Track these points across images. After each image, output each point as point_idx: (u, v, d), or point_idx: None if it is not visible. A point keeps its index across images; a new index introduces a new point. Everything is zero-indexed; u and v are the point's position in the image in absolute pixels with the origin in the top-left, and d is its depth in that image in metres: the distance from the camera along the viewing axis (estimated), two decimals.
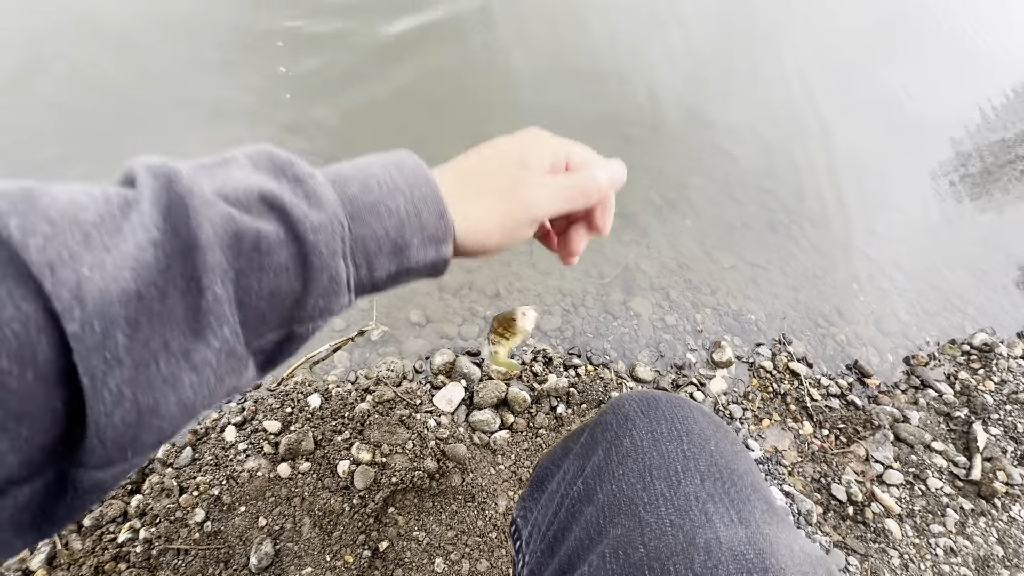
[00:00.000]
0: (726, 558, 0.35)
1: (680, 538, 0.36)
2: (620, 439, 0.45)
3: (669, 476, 0.40)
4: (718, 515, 0.38)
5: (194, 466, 0.94)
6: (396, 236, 0.30)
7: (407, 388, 1.14)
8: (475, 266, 1.46)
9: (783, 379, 1.50)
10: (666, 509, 0.38)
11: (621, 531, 0.39)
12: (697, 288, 1.66)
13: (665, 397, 0.47)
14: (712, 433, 0.44)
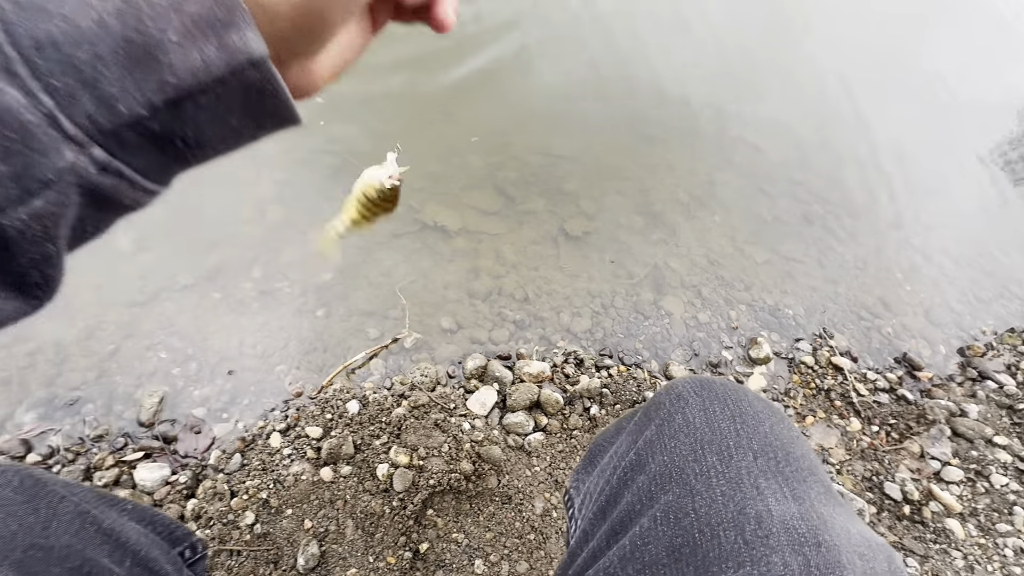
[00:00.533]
0: (777, 529, 0.35)
1: (731, 507, 0.37)
2: (672, 416, 0.45)
3: (721, 451, 0.40)
4: (770, 490, 0.38)
5: (243, 471, 0.99)
6: (120, 24, 0.18)
7: (441, 393, 1.16)
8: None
9: (826, 374, 1.45)
10: (717, 480, 0.39)
11: (672, 497, 0.39)
12: (730, 284, 1.63)
13: (720, 380, 0.47)
14: (767, 416, 0.44)
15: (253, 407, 1.11)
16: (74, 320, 1.16)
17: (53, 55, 0.17)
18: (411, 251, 1.47)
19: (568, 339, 1.39)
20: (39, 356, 1.10)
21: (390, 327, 1.31)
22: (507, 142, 1.79)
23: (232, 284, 1.30)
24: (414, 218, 1.53)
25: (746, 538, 0.35)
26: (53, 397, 1.05)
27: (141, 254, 1.29)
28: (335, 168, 1.58)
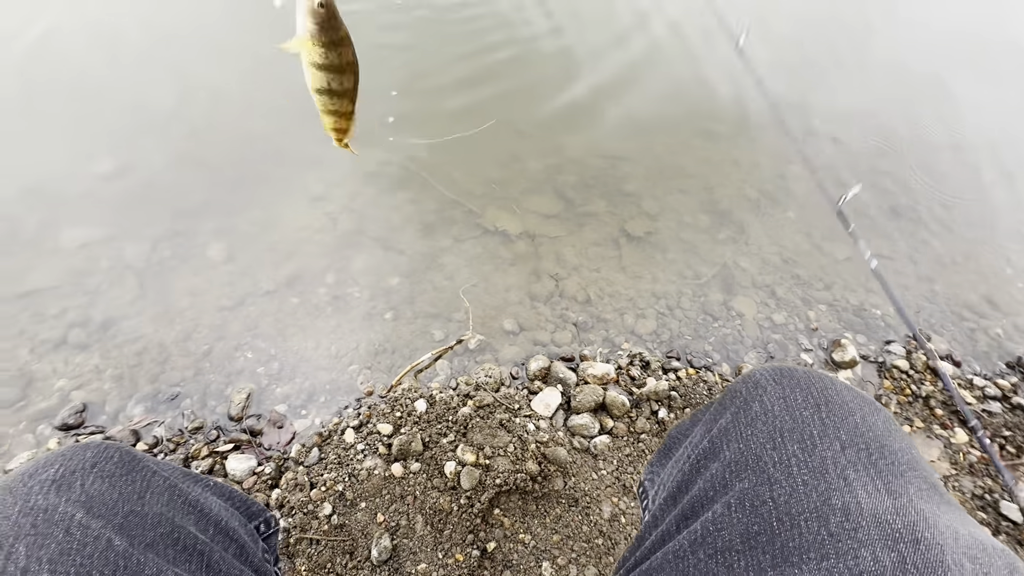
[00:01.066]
0: (867, 523, 0.32)
1: (814, 497, 0.34)
2: (749, 404, 0.43)
3: (803, 439, 0.38)
4: (860, 482, 0.35)
5: (321, 464, 1.04)
6: None
7: (505, 393, 1.16)
8: (564, 274, 1.47)
9: (923, 380, 1.32)
10: (799, 469, 0.36)
11: (748, 485, 0.37)
12: (807, 283, 1.53)
13: (802, 369, 0.44)
14: (859, 407, 0.41)
15: (329, 404, 1.17)
16: (174, 323, 1.28)
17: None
18: (473, 256, 1.50)
19: (633, 341, 1.35)
20: (145, 355, 1.22)
21: (454, 329, 1.33)
22: (564, 145, 1.79)
23: (308, 290, 1.38)
24: (475, 223, 1.56)
25: (831, 530, 0.32)
26: (157, 392, 1.16)
27: (229, 263, 1.41)
28: (399, 179, 1.64)
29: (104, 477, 0.40)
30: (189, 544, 0.42)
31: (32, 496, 0.36)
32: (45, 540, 0.34)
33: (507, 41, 2.04)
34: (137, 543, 0.38)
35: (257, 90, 1.77)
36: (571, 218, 1.62)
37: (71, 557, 0.34)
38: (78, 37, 1.81)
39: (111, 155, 1.55)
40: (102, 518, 0.37)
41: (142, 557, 0.37)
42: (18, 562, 0.32)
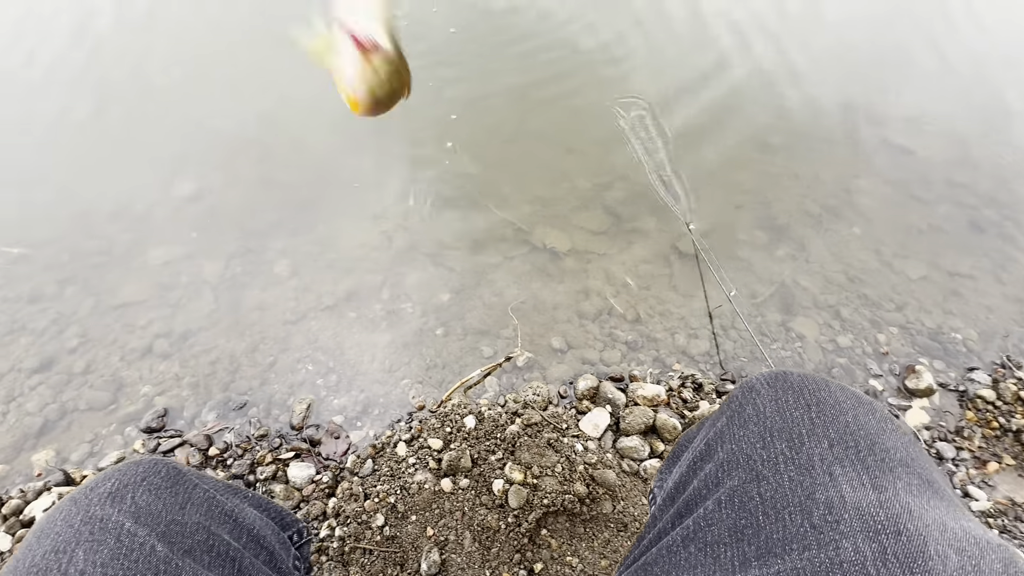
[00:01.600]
0: (850, 515, 0.33)
1: (799, 492, 0.36)
2: (743, 407, 0.45)
3: (792, 438, 0.39)
4: (845, 478, 0.36)
5: (374, 476, 1.07)
6: None
7: (553, 412, 1.17)
8: (612, 292, 1.46)
9: (1014, 412, 1.20)
10: (785, 466, 0.38)
11: (737, 482, 0.39)
12: (876, 304, 1.44)
13: (797, 372, 0.46)
14: (852, 407, 0.41)
15: (382, 417, 1.22)
16: (243, 335, 1.37)
17: None
18: (521, 273, 1.52)
19: (685, 362, 1.32)
20: (218, 365, 1.32)
21: (503, 346, 1.35)
22: (612, 162, 1.78)
23: (365, 305, 1.44)
24: (524, 240, 1.58)
25: (813, 522, 0.34)
26: (228, 400, 1.25)
27: (293, 279, 1.50)
28: (449, 197, 1.69)
29: (151, 490, 0.45)
30: (223, 551, 0.47)
31: (91, 507, 0.42)
32: (99, 546, 0.39)
33: (559, 58, 2.07)
34: (176, 549, 0.43)
35: (324, 115, 1.88)
36: (620, 235, 1.61)
37: (120, 561, 0.39)
38: (160, 63, 2.00)
39: (192, 178, 1.70)
40: (147, 527, 0.42)
41: (180, 562, 0.42)
42: (77, 564, 0.38)
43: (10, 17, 2.14)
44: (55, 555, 0.38)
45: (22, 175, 1.70)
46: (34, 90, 1.91)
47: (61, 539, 0.39)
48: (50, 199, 1.65)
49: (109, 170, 1.72)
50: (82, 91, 1.91)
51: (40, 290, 1.44)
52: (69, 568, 0.37)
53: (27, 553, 0.39)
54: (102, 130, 1.82)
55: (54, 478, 1.10)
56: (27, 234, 1.56)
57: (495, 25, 2.19)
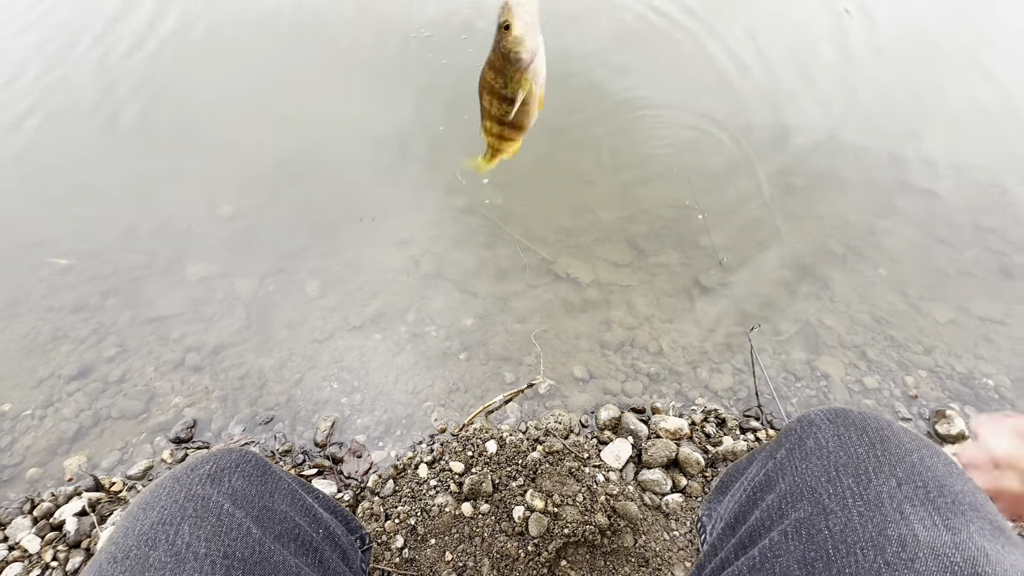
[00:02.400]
0: (925, 555, 0.33)
1: (869, 528, 0.36)
2: (804, 440, 0.45)
3: (858, 474, 0.39)
4: (916, 517, 0.36)
5: (395, 496, 1.08)
6: None
7: (574, 441, 1.16)
8: (635, 323, 1.47)
9: None
10: (853, 501, 0.38)
11: (803, 514, 0.39)
12: (903, 346, 1.42)
13: (857, 410, 0.46)
14: (916, 448, 0.41)
15: (404, 438, 1.23)
16: (272, 352, 1.41)
17: None
18: (545, 301, 1.54)
19: (708, 396, 1.31)
20: (247, 380, 1.35)
21: (525, 373, 1.36)
22: (637, 195, 1.82)
23: (390, 327, 1.47)
24: (548, 269, 1.61)
25: (887, 559, 0.33)
26: (255, 415, 1.27)
27: (323, 299, 1.54)
28: (477, 226, 1.74)
29: (245, 476, 0.49)
30: (306, 541, 0.50)
31: (193, 486, 0.45)
32: (203, 522, 0.43)
33: (586, 101, 2.15)
34: (268, 534, 0.46)
35: (360, 145, 1.96)
36: (643, 268, 1.62)
37: (221, 538, 0.42)
38: (211, 90, 2.12)
39: (233, 200, 1.78)
40: (243, 509, 0.46)
41: (272, 546, 0.45)
42: (183, 537, 0.41)
43: (74, 37, 2.31)
44: (162, 526, 0.41)
45: (74, 190, 1.80)
46: (89, 110, 2.04)
47: (167, 512, 0.42)
48: (99, 214, 1.74)
49: (156, 189, 1.81)
50: (135, 114, 2.03)
51: (84, 300, 1.51)
52: (176, 539, 0.41)
53: (134, 523, 0.42)
54: (152, 151, 1.93)
55: (84, 483, 1.13)
56: (76, 247, 1.64)
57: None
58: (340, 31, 2.35)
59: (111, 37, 2.34)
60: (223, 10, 2.48)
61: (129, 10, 2.45)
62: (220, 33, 2.38)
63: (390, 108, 2.07)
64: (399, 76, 2.18)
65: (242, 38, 2.36)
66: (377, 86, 2.16)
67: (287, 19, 2.43)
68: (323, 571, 0.50)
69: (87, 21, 2.42)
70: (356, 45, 2.29)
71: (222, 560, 0.41)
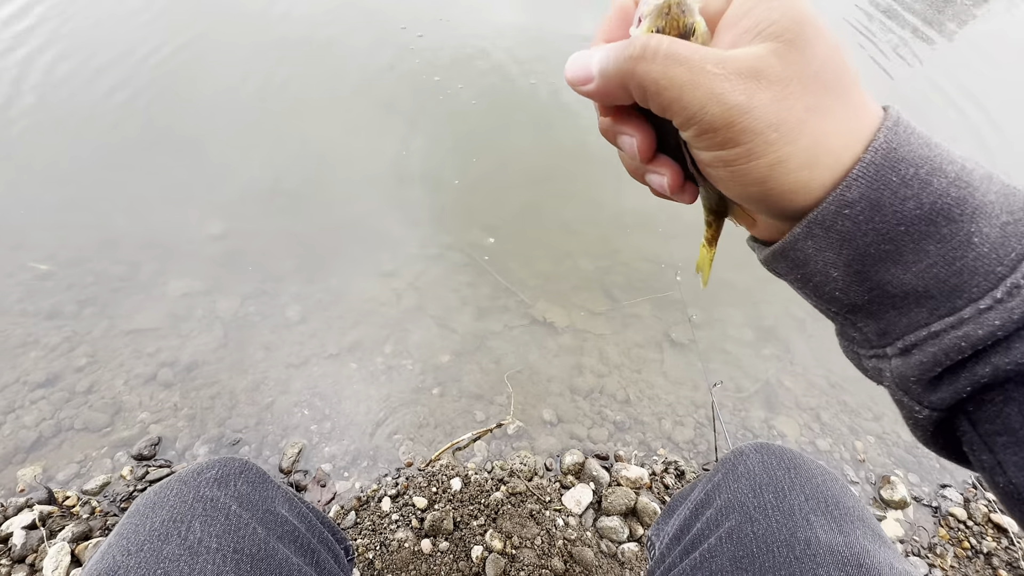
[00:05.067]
0: (824, 551, 0.43)
1: (784, 531, 0.45)
2: (736, 466, 0.54)
3: (777, 491, 0.49)
4: (819, 524, 0.46)
5: (355, 528, 1.08)
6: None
7: (538, 484, 1.19)
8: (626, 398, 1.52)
9: (984, 534, 1.23)
10: (772, 511, 0.47)
11: (734, 523, 0.48)
12: (855, 412, 1.50)
13: (778, 445, 0.56)
14: (819, 473, 0.52)
15: (370, 470, 1.23)
16: (246, 374, 1.42)
17: None
18: (520, 343, 1.59)
19: (669, 447, 1.36)
20: (217, 400, 1.35)
21: (495, 412, 1.39)
22: (616, 248, 1.91)
23: (367, 357, 1.50)
24: (525, 312, 1.67)
25: (796, 555, 0.43)
26: (222, 435, 1.27)
27: (302, 324, 1.56)
28: (461, 264, 1.80)
29: (249, 482, 0.52)
30: (305, 543, 0.53)
31: (201, 488, 0.49)
32: (213, 521, 0.46)
33: (572, 149, 2.27)
34: (272, 535, 0.50)
35: (353, 173, 2.03)
36: (617, 318, 1.70)
37: (231, 535, 0.46)
38: (208, 110, 2.18)
39: (222, 218, 1.81)
40: (249, 511, 0.49)
41: (276, 545, 0.49)
42: (195, 533, 0.45)
43: (84, 48, 2.37)
44: (174, 523, 0.44)
45: (62, 197, 1.82)
46: (86, 117, 2.08)
47: (177, 511, 0.46)
48: (86, 222, 1.75)
49: (146, 202, 1.84)
50: (131, 126, 2.08)
51: (60, 308, 1.50)
52: (188, 535, 0.44)
53: (144, 520, 0.45)
54: (145, 165, 1.97)
55: (37, 495, 1.10)
56: (57, 253, 1.65)
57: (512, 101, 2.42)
58: (351, 60, 2.46)
59: (119, 47, 2.40)
60: (235, 28, 2.58)
61: (146, 20, 2.53)
62: (232, 51, 2.47)
63: (391, 143, 2.16)
64: (408, 113, 2.28)
65: (252, 57, 2.45)
66: (383, 120, 2.26)
67: (298, 43, 2.54)
68: (320, 571, 0.54)
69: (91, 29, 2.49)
70: (365, 74, 2.40)
71: (232, 555, 0.44)
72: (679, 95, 0.24)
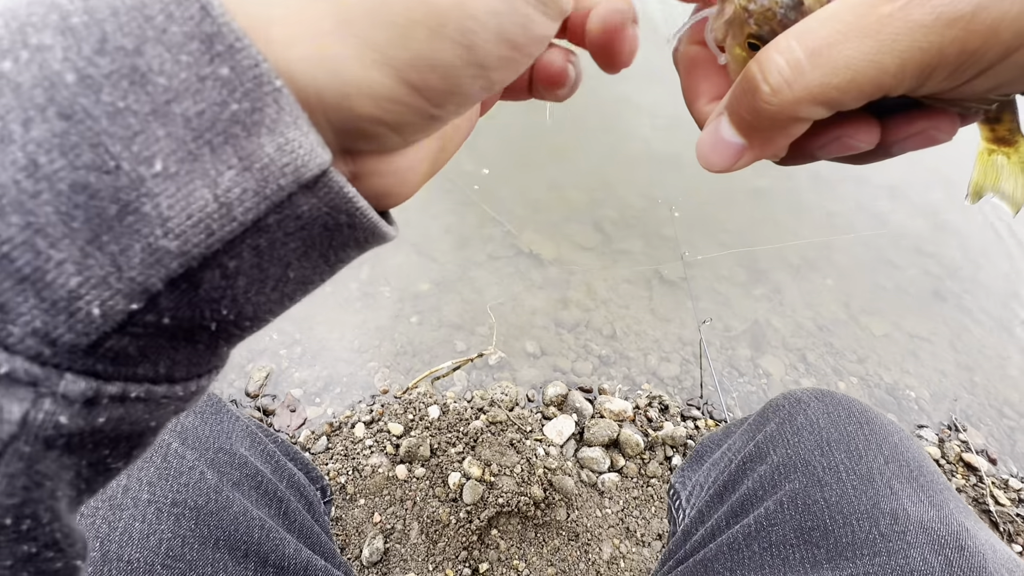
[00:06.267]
0: (915, 528, 0.35)
1: (864, 501, 0.37)
2: (794, 416, 0.45)
3: (850, 450, 0.40)
4: (905, 493, 0.37)
5: (327, 453, 1.03)
6: (66, 163, 0.12)
7: (519, 414, 1.15)
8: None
9: (955, 472, 1.25)
10: (847, 475, 0.39)
11: (798, 485, 0.40)
12: (840, 353, 1.48)
13: (842, 393, 0.47)
14: (895, 431, 0.43)
15: (343, 396, 1.18)
16: None
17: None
18: (504, 274, 1.51)
19: (654, 383, 1.33)
20: None
21: (476, 343, 1.33)
22: (611, 180, 1.81)
23: (341, 282, 1.40)
24: (511, 243, 1.58)
25: (881, 531, 0.35)
26: None
27: None
28: (444, 189, 1.68)
29: (196, 413, 0.42)
30: (270, 490, 0.43)
31: None
32: (145, 463, 0.35)
33: None
34: (226, 480, 0.39)
35: None
36: (607, 253, 1.62)
37: (168, 483, 0.35)
38: None
39: None
40: (196, 450, 0.39)
41: (230, 494, 0.38)
42: (120, 480, 0.33)
43: None
44: None
45: None
46: None
47: None
48: None
49: None
50: None
51: None
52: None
53: None
54: None
55: None
56: None
57: None
58: None
59: None
60: None
61: None
62: None
63: None
64: None
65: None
66: None
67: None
68: (288, 523, 0.44)
69: None
70: None
71: (170, 508, 0.34)
72: (876, 74, 0.16)
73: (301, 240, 0.15)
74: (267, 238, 0.14)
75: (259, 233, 0.14)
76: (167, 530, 0.33)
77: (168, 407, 0.15)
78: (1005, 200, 0.27)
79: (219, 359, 0.17)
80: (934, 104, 0.20)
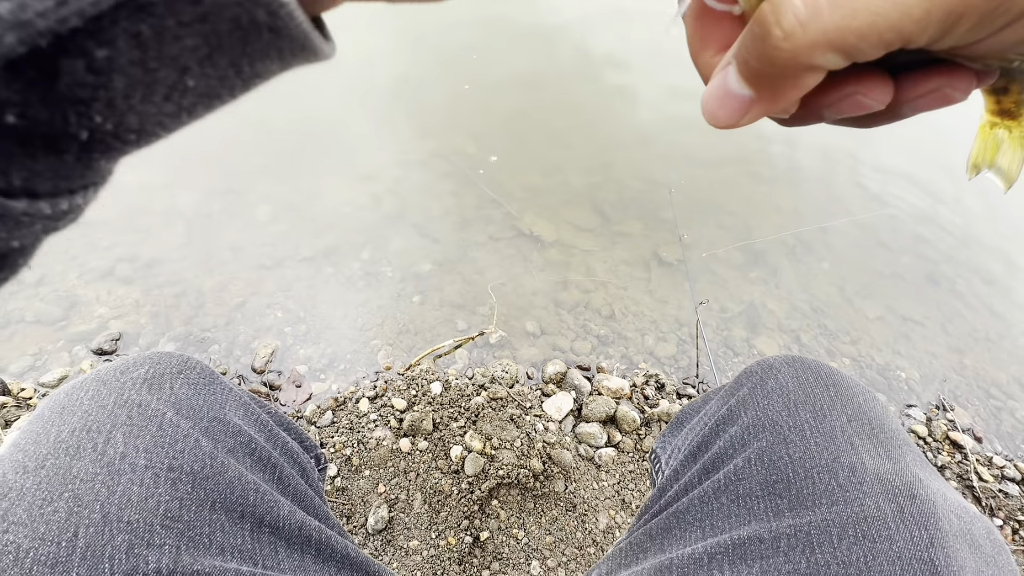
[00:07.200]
0: (871, 479, 0.37)
1: (825, 455, 0.39)
2: (765, 380, 0.48)
3: (815, 410, 0.43)
4: (864, 448, 0.40)
5: (332, 427, 1.06)
6: None
7: (519, 390, 1.18)
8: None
9: (941, 449, 1.29)
10: (811, 432, 0.41)
11: (765, 443, 0.42)
12: (834, 335, 1.51)
13: (812, 359, 0.50)
14: (860, 392, 0.46)
15: (347, 373, 1.20)
16: (213, 273, 1.33)
17: None
18: (505, 255, 1.53)
19: (651, 362, 1.36)
20: (183, 299, 1.27)
21: (477, 322, 1.36)
22: (610, 163, 1.82)
23: (343, 262, 1.42)
24: (512, 224, 1.59)
25: (840, 482, 0.38)
26: (188, 334, 1.21)
27: (273, 225, 1.46)
28: (445, 172, 1.69)
29: (190, 384, 0.42)
30: (264, 456, 0.45)
31: (126, 391, 0.39)
32: (141, 432, 0.36)
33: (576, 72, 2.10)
34: (220, 447, 0.40)
35: (333, 69, 1.84)
36: (606, 235, 1.64)
37: (164, 450, 0.36)
38: None
39: None
40: (190, 420, 0.40)
41: (225, 460, 0.39)
42: (116, 447, 0.35)
43: None
44: (87, 434, 0.35)
45: None
46: None
47: (92, 419, 0.36)
48: None
49: None
50: None
51: None
52: (108, 449, 0.35)
53: (48, 428, 0.36)
54: None
55: None
56: None
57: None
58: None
59: None
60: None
61: None
62: None
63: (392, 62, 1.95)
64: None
65: None
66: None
67: None
68: (283, 488, 0.45)
69: None
70: None
71: (167, 473, 0.35)
72: (899, 18, 0.15)
73: (202, 37, 0.12)
74: (151, 25, 0.11)
75: (139, 14, 0.11)
76: (164, 493, 0.35)
77: (33, 226, 0.13)
78: (999, 175, 0.27)
79: (96, 174, 0.14)
80: (951, 60, 0.19)
